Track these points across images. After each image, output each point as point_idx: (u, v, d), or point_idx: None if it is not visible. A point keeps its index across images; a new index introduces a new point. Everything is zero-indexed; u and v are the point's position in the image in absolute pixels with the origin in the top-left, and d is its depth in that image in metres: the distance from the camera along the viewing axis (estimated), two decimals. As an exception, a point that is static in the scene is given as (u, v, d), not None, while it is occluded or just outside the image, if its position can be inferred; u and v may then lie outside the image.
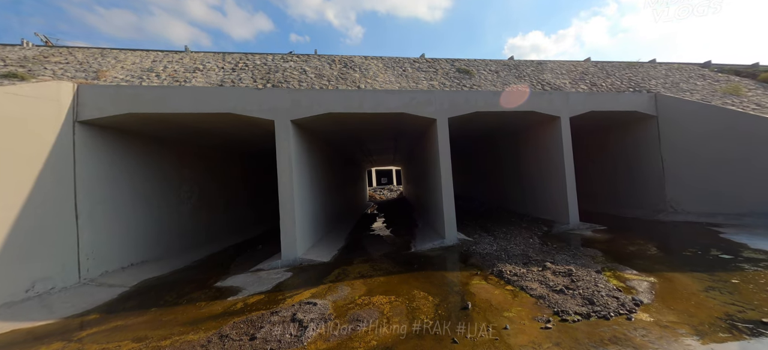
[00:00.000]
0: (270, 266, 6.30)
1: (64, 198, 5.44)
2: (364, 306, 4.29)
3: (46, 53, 7.32)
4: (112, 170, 6.28)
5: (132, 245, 6.65)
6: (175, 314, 4.45)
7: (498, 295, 4.43)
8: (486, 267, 5.63)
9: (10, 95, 4.95)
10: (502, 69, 9.93)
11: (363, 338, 3.44)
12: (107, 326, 4.18)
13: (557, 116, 8.04)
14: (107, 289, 5.50)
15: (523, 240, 7.29)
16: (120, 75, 6.80)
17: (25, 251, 4.90)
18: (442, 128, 7.31)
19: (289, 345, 3.34)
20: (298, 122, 6.75)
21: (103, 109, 5.75)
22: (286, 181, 6.42)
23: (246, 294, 5.04)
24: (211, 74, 7.40)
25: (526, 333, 3.38)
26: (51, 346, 3.68)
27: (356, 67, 8.86)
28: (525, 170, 10.48)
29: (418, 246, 7.50)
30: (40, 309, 4.76)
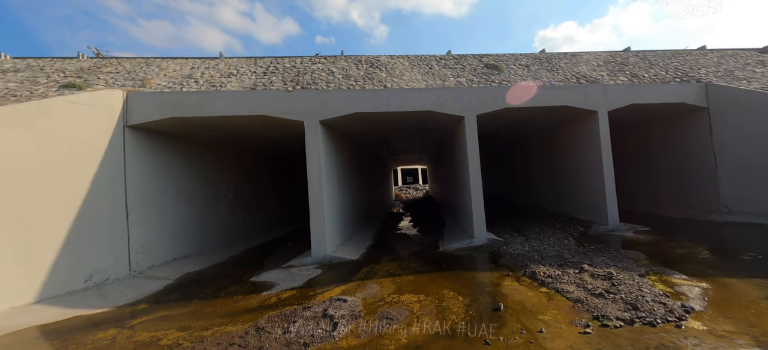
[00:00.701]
0: (301, 263, 6.48)
1: (116, 197, 5.91)
2: (394, 304, 4.31)
3: (98, 64, 8.01)
4: (157, 171, 6.74)
5: (175, 241, 7.10)
6: (215, 306, 4.70)
7: (531, 297, 4.28)
8: (518, 268, 5.46)
9: (70, 103, 5.45)
10: (533, 63, 9.55)
11: (393, 336, 3.46)
12: (155, 315, 4.49)
13: (594, 111, 7.62)
14: (154, 281, 5.92)
15: (558, 241, 6.98)
16: (163, 82, 7.29)
17: (84, 245, 5.38)
18: (470, 125, 7.16)
19: (322, 340, 3.43)
20: (326, 122, 6.89)
21: (149, 114, 6.18)
22: (315, 180, 6.58)
23: (279, 289, 5.22)
24: (245, 78, 7.74)
25: (563, 337, 3.24)
26: (107, 332, 4.02)
27: (382, 66, 8.90)
28: (559, 168, 10.04)
29: (447, 246, 7.41)
30: (97, 297, 5.21)
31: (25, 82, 6.55)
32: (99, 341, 3.79)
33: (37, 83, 6.62)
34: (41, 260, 4.95)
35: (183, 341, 3.64)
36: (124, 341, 3.76)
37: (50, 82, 6.71)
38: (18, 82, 6.60)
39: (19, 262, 4.74)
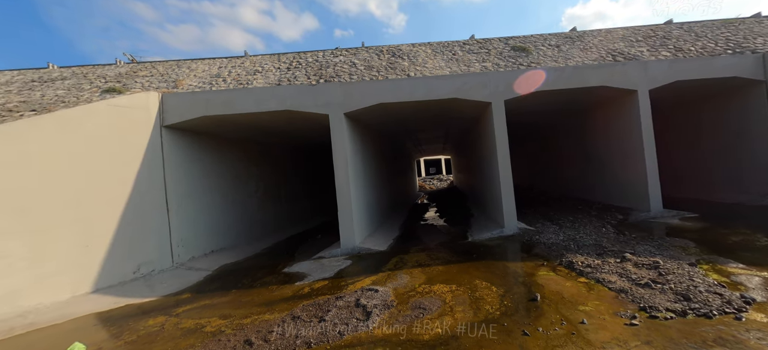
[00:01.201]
0: (330, 254, 6.59)
1: (157, 194, 6.25)
2: (425, 294, 4.29)
3: (134, 69, 8.45)
4: (192, 168, 7.05)
5: (211, 234, 7.44)
6: (252, 296, 4.89)
7: (570, 287, 4.11)
8: (553, 258, 5.26)
9: (112, 106, 5.78)
10: (564, 42, 9.04)
11: (427, 325, 3.44)
12: (198, 304, 4.74)
13: (633, 90, 7.13)
14: (195, 272, 6.24)
15: (595, 229, 6.66)
16: (194, 82, 7.58)
17: (132, 239, 5.75)
18: (498, 111, 6.92)
19: (356, 329, 3.47)
20: (350, 114, 6.89)
21: (182, 114, 6.45)
22: (342, 172, 6.63)
23: (311, 280, 5.35)
24: (269, 75, 7.89)
25: (608, 329, 3.09)
26: (156, 319, 4.29)
27: (404, 55, 8.76)
28: (593, 154, 9.53)
29: (475, 236, 7.27)
30: (144, 287, 5.57)
31: (72, 89, 7.02)
32: (149, 327, 4.05)
33: (81, 89, 7.08)
34: (97, 253, 5.34)
35: (225, 328, 3.81)
36: (171, 328, 3.99)
37: (93, 88, 7.15)
38: (65, 89, 7.08)
39: (80, 255, 5.15)
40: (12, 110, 5.85)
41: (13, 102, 6.24)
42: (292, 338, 3.39)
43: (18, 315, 4.57)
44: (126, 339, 3.79)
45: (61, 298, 4.99)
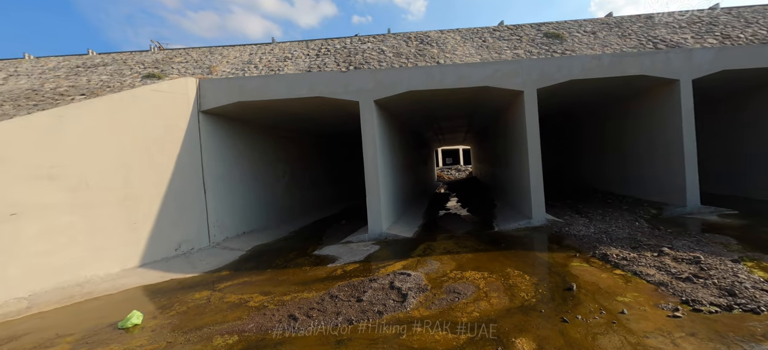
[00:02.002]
0: (358, 239, 6.75)
1: (196, 176, 6.54)
2: (458, 279, 4.36)
3: (170, 55, 8.75)
4: (226, 153, 7.31)
5: (243, 216, 7.74)
6: (287, 275, 5.10)
7: (606, 279, 4.08)
8: (585, 250, 5.21)
9: (155, 91, 6.05)
10: (601, 29, 8.68)
11: (463, 309, 3.52)
12: (237, 281, 5.00)
13: (675, 80, 6.81)
14: (230, 252, 6.54)
15: (627, 223, 6.51)
16: (227, 69, 7.79)
17: (174, 218, 6.07)
18: (530, 100, 6.79)
19: (394, 310, 3.59)
20: (380, 101, 6.93)
21: (218, 99, 6.66)
22: (371, 159, 6.72)
23: (342, 262, 5.51)
24: (299, 61, 8.00)
25: (650, 319, 3.07)
26: (202, 293, 4.56)
27: (433, 42, 8.67)
28: (626, 146, 9.22)
29: (502, 226, 7.25)
30: (186, 264, 5.90)
31: (114, 75, 7.36)
32: (197, 300, 4.32)
33: (123, 75, 7.42)
34: (143, 230, 5.68)
35: (267, 303, 4.02)
36: (217, 301, 4.24)
37: (134, 74, 7.48)
38: (108, 74, 7.44)
39: (129, 231, 5.50)
40: (63, 94, 6.21)
41: (63, 86, 6.62)
42: (334, 315, 3.55)
43: (76, 285, 4.97)
44: (177, 309, 4.07)
45: (112, 271, 5.36)
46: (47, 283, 4.74)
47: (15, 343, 3.47)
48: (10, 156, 4.60)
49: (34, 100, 5.96)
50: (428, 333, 3.08)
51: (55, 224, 4.86)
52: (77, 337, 3.49)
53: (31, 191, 4.71)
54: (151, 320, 3.80)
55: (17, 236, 4.56)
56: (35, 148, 4.80)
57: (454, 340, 2.93)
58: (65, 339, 3.48)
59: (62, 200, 4.94)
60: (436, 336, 3.03)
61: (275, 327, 3.40)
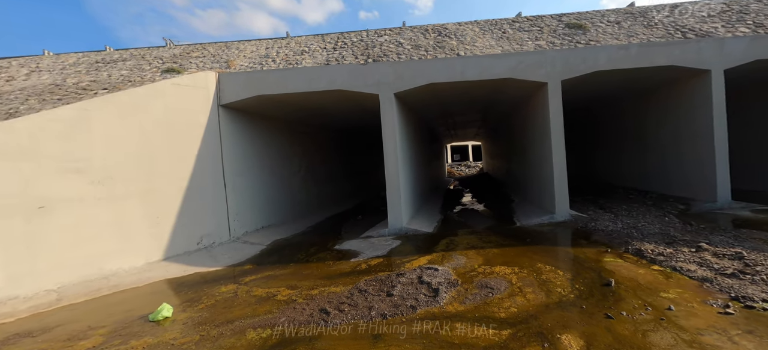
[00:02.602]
0: (378, 234, 6.68)
1: (216, 171, 6.53)
2: (488, 275, 4.25)
3: (187, 50, 8.76)
4: (245, 147, 7.29)
5: (261, 211, 7.73)
6: (311, 269, 5.06)
7: (644, 275, 3.94)
8: (616, 245, 5.06)
9: (176, 86, 6.03)
10: (625, 19, 8.42)
11: (499, 305, 3.42)
12: (262, 275, 4.97)
13: (706, 70, 6.57)
14: (251, 246, 6.53)
15: (656, 219, 6.32)
16: (244, 63, 7.76)
17: (195, 212, 6.07)
18: (554, 92, 6.61)
19: (427, 305, 3.51)
20: (399, 94, 6.82)
21: (238, 93, 6.63)
22: (391, 153, 6.63)
23: (365, 257, 5.45)
24: (316, 55, 7.93)
25: (700, 316, 2.94)
26: (228, 287, 4.54)
27: (451, 34, 8.51)
28: (650, 140, 8.96)
29: (523, 221, 7.11)
30: (208, 258, 5.90)
31: (134, 70, 7.39)
32: (224, 294, 4.30)
33: (142, 69, 7.43)
34: (166, 224, 5.69)
35: (296, 297, 3.97)
36: (244, 295, 4.21)
37: (153, 68, 7.49)
38: (128, 69, 7.46)
39: (152, 225, 5.51)
40: (86, 89, 6.23)
41: (85, 81, 6.65)
42: (366, 309, 3.48)
43: (103, 277, 4.99)
44: (205, 303, 4.04)
45: (137, 264, 5.38)
46: (75, 276, 4.77)
47: (48, 335, 3.48)
48: (38, 149, 4.62)
49: (58, 94, 5.99)
50: (467, 328, 2.99)
51: (82, 218, 4.88)
52: (109, 330, 3.48)
53: (59, 185, 4.73)
54: (180, 313, 3.79)
55: (46, 230, 4.59)
56: (62, 141, 4.81)
57: (495, 336, 2.84)
58: (97, 331, 3.47)
59: (88, 194, 4.96)
60: (476, 331, 2.93)
61: (307, 321, 3.34)
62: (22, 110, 5.40)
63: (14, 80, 7.18)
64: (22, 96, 6.01)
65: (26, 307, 4.21)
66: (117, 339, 3.26)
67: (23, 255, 4.42)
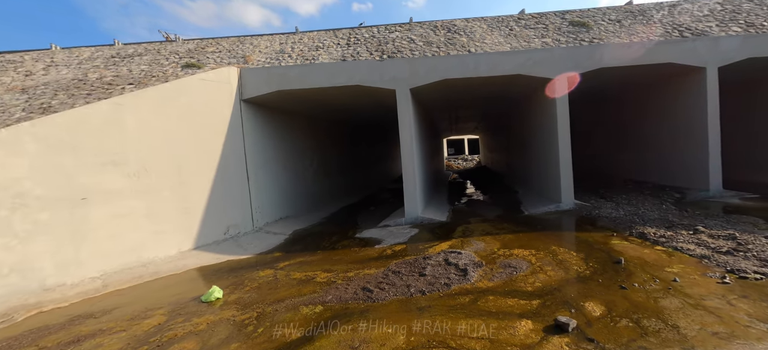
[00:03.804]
0: (395, 223, 7.03)
1: (239, 163, 6.77)
2: (508, 256, 4.64)
3: (201, 44, 8.89)
4: (264, 141, 7.53)
5: (280, 202, 8.00)
6: (340, 255, 5.38)
7: (649, 254, 4.37)
8: (621, 229, 5.50)
9: (202, 81, 6.24)
10: (625, 17, 8.83)
11: (525, 280, 3.81)
12: (293, 261, 5.28)
13: (701, 67, 7.02)
14: (274, 235, 6.82)
15: (654, 206, 6.80)
16: (261, 58, 7.95)
17: (222, 203, 6.33)
18: (562, 88, 6.99)
19: (459, 282, 3.88)
20: (414, 90, 7.13)
21: (259, 88, 6.85)
22: (408, 145, 6.95)
23: (388, 244, 5.79)
24: (331, 50, 8.16)
25: (701, 286, 3.37)
26: (265, 272, 4.84)
27: (460, 31, 8.81)
28: (647, 133, 9.46)
29: (531, 210, 7.54)
30: (236, 247, 6.18)
31: (153, 65, 7.52)
32: (264, 278, 4.60)
33: (161, 64, 7.58)
34: (195, 214, 5.94)
35: (334, 279, 4.30)
36: (284, 278, 4.53)
37: (171, 63, 7.63)
38: (147, 64, 7.60)
39: (183, 216, 5.76)
40: (111, 83, 6.39)
41: (107, 76, 6.79)
42: (404, 287, 3.84)
43: (141, 265, 5.25)
44: (250, 285, 4.35)
45: (171, 253, 5.64)
46: (115, 264, 5.02)
47: (109, 316, 3.75)
48: (79, 143, 4.83)
49: (84, 89, 6.14)
50: (500, 300, 3.37)
51: (120, 209, 5.12)
52: (167, 310, 3.77)
53: (98, 177, 4.95)
54: (229, 295, 4.09)
55: (88, 220, 4.82)
56: (99, 135, 5.02)
57: (527, 305, 3.22)
58: (157, 311, 3.76)
59: (125, 186, 5.19)
60: (509, 302, 3.32)
61: (353, 298, 3.68)
62: (54, 104, 5.56)
63: (33, 75, 7.27)
64: (50, 91, 6.15)
65: (75, 293, 4.46)
66: (179, 318, 3.56)
67: (68, 245, 4.66)
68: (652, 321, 2.79)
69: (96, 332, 3.37)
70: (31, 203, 4.41)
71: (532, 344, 2.59)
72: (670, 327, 2.69)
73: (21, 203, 4.34)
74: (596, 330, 2.71)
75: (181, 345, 2.99)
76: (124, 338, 3.20)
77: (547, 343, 2.59)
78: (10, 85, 6.56)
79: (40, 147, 4.53)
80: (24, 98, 5.94)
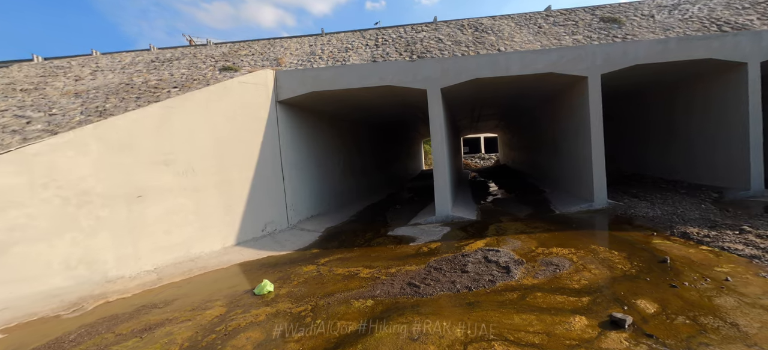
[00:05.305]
0: (426, 221, 7.13)
1: (275, 162, 7.02)
2: (548, 255, 4.68)
3: (234, 48, 9.22)
4: (297, 141, 7.76)
5: (311, 201, 8.23)
6: (377, 252, 5.53)
7: (695, 254, 4.33)
8: (661, 229, 5.44)
9: (242, 83, 6.49)
10: (659, 11, 8.62)
11: (570, 278, 3.85)
12: (333, 257, 5.45)
13: (742, 63, 6.82)
14: (308, 233, 7.04)
15: (693, 206, 6.66)
16: (293, 60, 8.19)
17: (260, 201, 6.59)
18: (594, 86, 6.93)
19: (503, 279, 3.95)
20: (444, 89, 7.20)
21: (294, 89, 7.08)
22: (439, 144, 7.04)
23: (422, 242, 5.90)
24: (361, 51, 8.32)
25: (756, 285, 3.34)
26: (308, 267, 5.03)
27: (488, 29, 8.81)
28: (681, 132, 9.21)
29: (562, 209, 7.50)
30: (274, 243, 6.42)
31: (192, 68, 7.86)
32: (308, 273, 4.79)
33: (199, 68, 7.91)
34: (236, 212, 6.21)
35: (378, 275, 4.45)
36: (327, 273, 4.70)
37: (209, 67, 7.96)
38: (186, 68, 7.94)
39: (225, 213, 6.03)
40: (157, 87, 6.73)
41: (152, 80, 7.15)
42: (449, 283, 3.94)
43: (190, 260, 5.54)
44: (296, 280, 4.54)
45: (215, 248, 5.92)
46: (168, 258, 5.32)
47: (172, 306, 4.00)
48: (135, 144, 5.14)
49: (133, 93, 6.50)
50: (548, 296, 3.44)
51: (171, 206, 5.41)
52: (224, 302, 4.00)
53: (151, 176, 5.25)
54: (279, 288, 4.29)
55: (143, 216, 5.13)
56: (152, 136, 5.32)
57: (577, 302, 3.27)
58: (215, 302, 3.99)
59: (175, 184, 5.48)
60: (558, 298, 3.37)
61: (400, 293, 3.82)
62: (108, 107, 5.92)
63: (82, 80, 7.72)
64: (101, 95, 6.53)
65: (135, 285, 4.76)
66: (238, 309, 3.77)
67: (127, 239, 4.97)
68: (710, 319, 2.81)
69: (164, 321, 3.61)
70: (94, 199, 4.73)
71: (590, 339, 2.66)
72: (729, 325, 2.71)
73: (86, 200, 4.67)
74: (653, 327, 2.75)
75: (246, 334, 3.19)
76: (191, 326, 3.43)
77: (605, 338, 2.65)
78: (64, 90, 6.99)
79: (101, 148, 4.85)
80: (79, 101, 6.34)
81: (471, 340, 2.77)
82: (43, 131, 5.09)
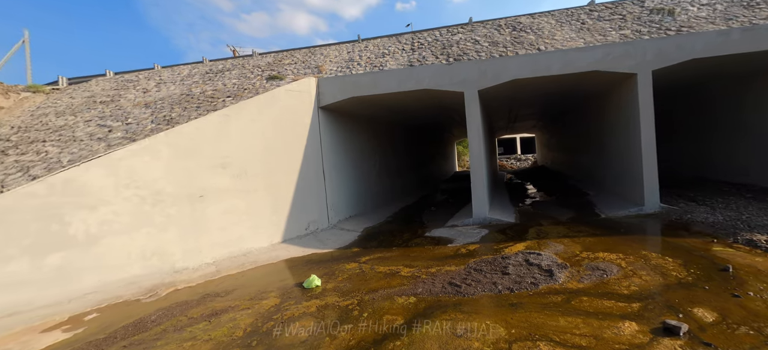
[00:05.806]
0: (463, 223, 7.16)
1: (317, 165, 7.42)
2: (593, 259, 4.55)
3: (278, 57, 9.84)
4: (337, 144, 8.13)
5: (349, 201, 8.57)
6: (416, 252, 5.68)
7: (762, 262, 4.02)
8: (723, 236, 5.06)
9: (288, 91, 6.96)
10: (719, 0, 7.95)
11: (618, 284, 3.74)
12: (373, 256, 5.69)
13: (824, 52, 6.12)
14: (348, 232, 7.35)
15: (761, 211, 6.08)
16: (333, 67, 8.60)
17: (304, 201, 7.00)
18: (645, 83, 6.56)
19: (546, 282, 3.93)
20: (481, 91, 7.19)
21: (335, 95, 7.43)
22: (476, 146, 7.05)
23: (461, 243, 5.96)
24: (397, 56, 8.54)
25: (837, 300, 3.06)
26: (350, 265, 5.30)
27: (526, 28, 8.64)
28: (747, 130, 8.39)
29: (608, 212, 7.17)
30: (316, 242, 6.79)
31: (242, 78, 8.53)
32: (351, 270, 5.05)
33: (248, 77, 8.55)
34: (282, 211, 6.66)
35: (418, 274, 4.60)
36: (369, 271, 4.93)
37: (257, 76, 8.58)
38: (236, 78, 8.62)
39: (272, 213, 6.50)
40: (212, 97, 7.39)
41: (208, 91, 7.85)
42: (490, 284, 4.00)
43: (243, 255, 6.04)
44: (341, 276, 4.81)
45: (263, 245, 6.39)
46: (225, 252, 5.85)
47: (232, 296, 4.43)
48: (198, 148, 5.72)
49: (193, 103, 7.19)
50: (595, 300, 3.39)
51: (227, 205, 5.94)
52: (278, 293, 4.35)
53: (211, 178, 5.81)
54: (325, 283, 4.58)
55: (205, 214, 5.68)
56: (212, 142, 5.89)
57: (626, 307, 3.20)
58: (270, 294, 4.36)
59: (231, 186, 6.01)
60: (605, 303, 3.32)
61: (442, 291, 3.94)
62: (173, 116, 6.62)
63: (149, 92, 8.64)
64: (167, 105, 7.30)
65: (198, 276, 5.30)
66: (290, 300, 4.10)
67: (191, 235, 5.54)
68: (779, 332, 2.65)
69: (227, 308, 4.03)
70: (165, 199, 5.34)
71: (641, 344, 2.62)
72: (801, 339, 2.54)
73: (158, 199, 5.28)
74: (712, 336, 2.65)
75: (301, 322, 3.49)
76: (252, 314, 3.80)
77: (657, 345, 2.59)
78: (136, 102, 7.90)
79: (170, 152, 5.47)
80: (148, 111, 7.14)
81: (516, 339, 2.83)
82: (123, 138, 5.83)
